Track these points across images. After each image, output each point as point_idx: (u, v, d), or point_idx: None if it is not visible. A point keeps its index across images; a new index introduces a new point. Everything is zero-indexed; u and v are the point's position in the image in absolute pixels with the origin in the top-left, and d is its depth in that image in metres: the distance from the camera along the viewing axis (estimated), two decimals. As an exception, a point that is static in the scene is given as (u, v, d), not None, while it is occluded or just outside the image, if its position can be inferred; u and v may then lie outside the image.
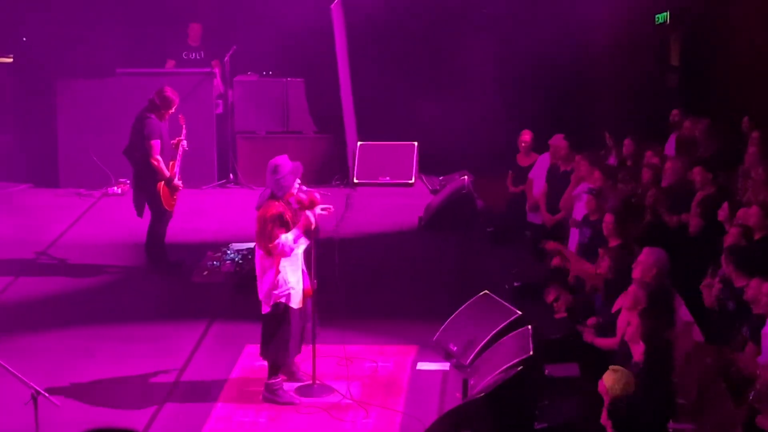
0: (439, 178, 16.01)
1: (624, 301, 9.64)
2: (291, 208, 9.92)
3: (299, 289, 9.88)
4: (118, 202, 15.48)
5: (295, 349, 9.97)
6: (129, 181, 15.03)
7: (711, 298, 10.17)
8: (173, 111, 12.89)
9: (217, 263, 12.96)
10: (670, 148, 14.17)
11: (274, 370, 9.97)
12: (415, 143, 16.36)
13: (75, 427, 9.42)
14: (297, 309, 9.87)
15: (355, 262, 12.53)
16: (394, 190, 16.11)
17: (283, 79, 16.34)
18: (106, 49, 15.93)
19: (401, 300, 12.24)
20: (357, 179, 16.28)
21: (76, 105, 16.00)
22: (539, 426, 9.02)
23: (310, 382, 10.10)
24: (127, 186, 15.53)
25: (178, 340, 11.25)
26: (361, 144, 16.54)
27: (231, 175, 16.32)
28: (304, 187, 10.00)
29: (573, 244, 12.20)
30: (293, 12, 15.84)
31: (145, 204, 12.91)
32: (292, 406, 9.89)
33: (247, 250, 12.87)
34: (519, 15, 16.56)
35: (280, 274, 9.75)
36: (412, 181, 16.26)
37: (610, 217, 11.08)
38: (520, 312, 10.54)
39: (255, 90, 16.38)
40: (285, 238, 9.70)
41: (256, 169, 15.37)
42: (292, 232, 9.74)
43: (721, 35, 15.84)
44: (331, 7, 15.97)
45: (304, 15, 15.78)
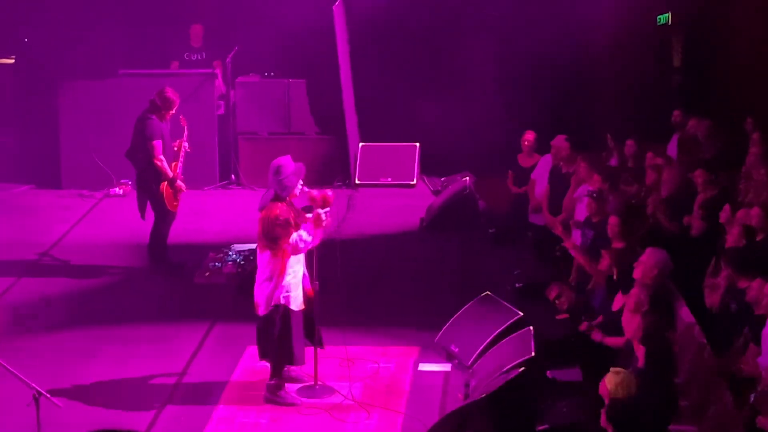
0: (441, 179, 16.01)
1: (627, 301, 9.64)
2: (294, 209, 9.90)
3: (300, 291, 9.87)
4: (120, 203, 15.49)
5: (300, 355, 9.92)
6: (131, 183, 15.05)
7: (715, 299, 10.16)
8: (174, 112, 12.89)
9: (219, 264, 12.95)
10: (672, 148, 14.17)
11: (276, 372, 9.97)
12: (417, 144, 16.37)
13: (77, 429, 9.43)
14: (298, 311, 9.87)
15: (356, 263, 12.54)
16: (396, 191, 16.10)
17: (285, 80, 16.35)
18: (107, 50, 15.95)
19: (403, 301, 12.23)
20: (359, 180, 16.27)
21: (78, 106, 16.01)
22: (541, 427, 9.01)
23: (312, 383, 10.11)
24: (128, 187, 15.54)
25: (180, 341, 11.25)
26: (362, 145, 16.53)
27: (233, 176, 16.33)
28: (306, 189, 9.98)
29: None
30: (295, 13, 15.83)
31: (148, 206, 12.92)
32: (294, 407, 9.89)
33: (249, 251, 12.87)
34: (521, 16, 16.54)
35: (280, 278, 9.74)
36: (414, 182, 16.25)
37: (615, 219, 11.06)
38: (522, 313, 10.55)
39: (257, 91, 16.38)
40: (297, 235, 9.67)
41: (257, 170, 15.38)
42: (303, 229, 9.70)
43: (722, 36, 15.84)
44: (333, 8, 15.97)
45: (305, 16, 15.78)
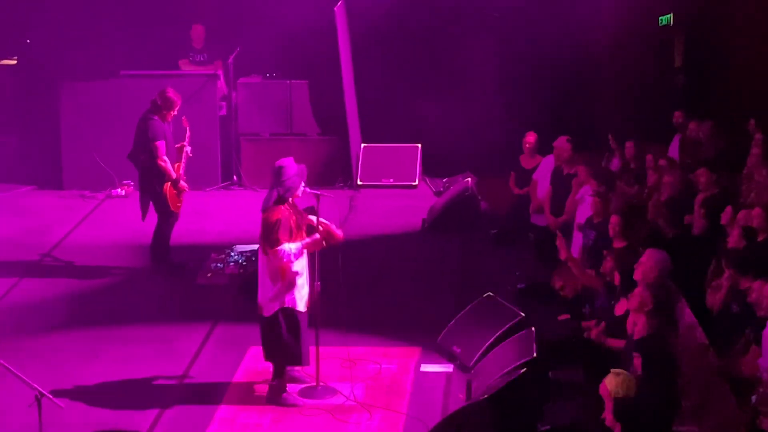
0: (443, 180, 16.01)
1: (630, 302, 9.63)
2: (297, 210, 9.90)
3: (305, 292, 9.88)
4: (122, 204, 15.50)
5: (307, 355, 9.91)
6: (133, 183, 15.06)
7: (717, 300, 10.14)
8: (176, 112, 12.89)
9: (221, 265, 12.95)
10: (674, 149, 14.16)
11: (278, 372, 9.97)
12: (419, 145, 16.37)
13: (79, 429, 9.45)
14: (305, 312, 9.87)
15: (358, 264, 12.54)
16: (398, 191, 16.11)
17: (287, 81, 16.35)
18: (109, 51, 15.94)
19: (405, 302, 12.23)
20: (360, 181, 16.28)
21: (80, 107, 16.01)
22: (542, 428, 9.02)
23: (314, 383, 10.11)
24: (130, 188, 15.55)
25: (182, 341, 11.26)
26: (364, 146, 16.54)
27: (235, 177, 16.32)
28: (308, 190, 9.98)
29: (577, 247, 12.19)
30: (296, 14, 15.83)
31: (149, 207, 12.92)
32: (296, 408, 9.89)
33: (251, 251, 12.87)
34: (522, 16, 16.54)
35: (285, 276, 9.73)
36: (416, 182, 16.25)
37: (616, 219, 11.07)
38: (524, 314, 10.56)
39: (259, 92, 16.38)
40: (288, 248, 9.65)
41: (259, 171, 15.39)
42: (296, 245, 9.70)
43: (724, 37, 15.82)
44: (334, 9, 15.97)
45: (307, 17, 15.77)
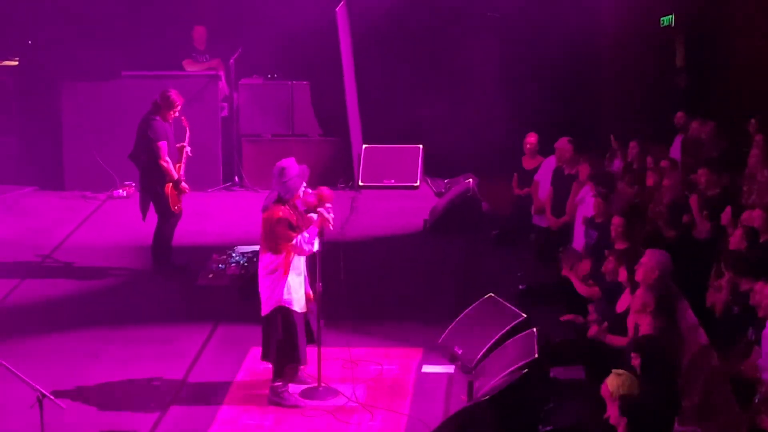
0: (444, 181, 16.00)
1: (632, 303, 9.63)
2: (297, 211, 9.90)
3: (302, 293, 9.88)
4: (124, 204, 15.49)
5: (304, 355, 9.93)
6: (134, 184, 15.06)
7: (718, 301, 10.14)
8: (177, 113, 12.88)
9: (223, 266, 12.96)
10: (676, 150, 14.15)
11: (279, 373, 9.97)
12: (420, 146, 16.36)
13: (80, 430, 9.46)
14: (300, 313, 9.87)
15: (360, 265, 12.54)
16: (399, 192, 16.10)
17: (288, 82, 16.35)
18: (111, 51, 15.94)
19: (406, 303, 12.23)
20: (362, 182, 16.27)
21: (81, 108, 16.02)
22: (544, 429, 9.01)
23: (316, 384, 10.11)
24: (132, 189, 15.55)
25: (184, 342, 11.25)
26: (366, 147, 16.53)
27: (236, 177, 16.32)
28: (309, 190, 9.99)
29: (579, 246, 12.20)
30: (298, 15, 15.83)
31: (150, 207, 12.92)
32: (297, 409, 9.89)
33: (252, 252, 12.87)
34: (523, 17, 16.53)
35: (283, 277, 9.74)
36: (417, 183, 16.25)
37: (618, 220, 11.06)
38: (525, 315, 10.55)
39: (260, 93, 16.38)
40: (301, 237, 9.67)
41: (261, 172, 15.38)
42: (306, 232, 9.72)
43: (726, 37, 15.82)
44: (336, 10, 15.97)
45: (308, 18, 15.77)
